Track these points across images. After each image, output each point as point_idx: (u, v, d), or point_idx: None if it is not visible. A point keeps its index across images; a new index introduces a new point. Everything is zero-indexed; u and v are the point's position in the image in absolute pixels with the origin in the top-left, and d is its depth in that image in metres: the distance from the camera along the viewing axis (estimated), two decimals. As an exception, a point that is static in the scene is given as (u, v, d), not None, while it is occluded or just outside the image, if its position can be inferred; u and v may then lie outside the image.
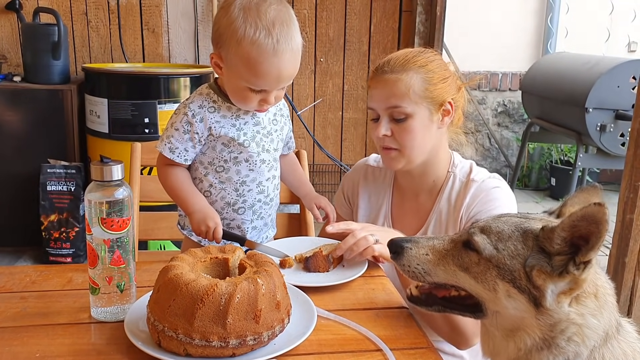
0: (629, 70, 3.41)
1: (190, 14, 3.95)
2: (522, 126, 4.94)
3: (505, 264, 0.91)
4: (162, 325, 0.96)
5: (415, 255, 1.02)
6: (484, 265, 0.94)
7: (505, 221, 0.96)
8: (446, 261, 0.99)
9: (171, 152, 1.41)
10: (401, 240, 1.06)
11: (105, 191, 1.07)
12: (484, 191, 1.47)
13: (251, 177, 1.47)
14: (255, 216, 1.52)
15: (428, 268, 1.01)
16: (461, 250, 0.98)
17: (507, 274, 0.91)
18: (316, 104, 4.24)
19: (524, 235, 0.92)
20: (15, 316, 1.12)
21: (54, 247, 3.32)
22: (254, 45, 1.28)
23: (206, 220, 1.37)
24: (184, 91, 3.33)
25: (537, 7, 4.95)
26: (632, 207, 2.13)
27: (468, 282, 0.96)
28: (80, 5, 3.82)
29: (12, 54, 3.80)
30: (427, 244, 1.03)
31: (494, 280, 0.92)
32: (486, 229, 0.96)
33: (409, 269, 1.02)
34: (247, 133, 1.44)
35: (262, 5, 1.30)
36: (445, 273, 0.99)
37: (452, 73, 1.50)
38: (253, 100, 1.38)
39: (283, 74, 1.33)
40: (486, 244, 0.93)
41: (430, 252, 1.02)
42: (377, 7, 4.14)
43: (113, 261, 1.09)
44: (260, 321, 0.97)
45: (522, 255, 0.90)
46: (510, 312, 0.92)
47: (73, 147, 3.44)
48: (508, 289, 0.91)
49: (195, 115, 1.40)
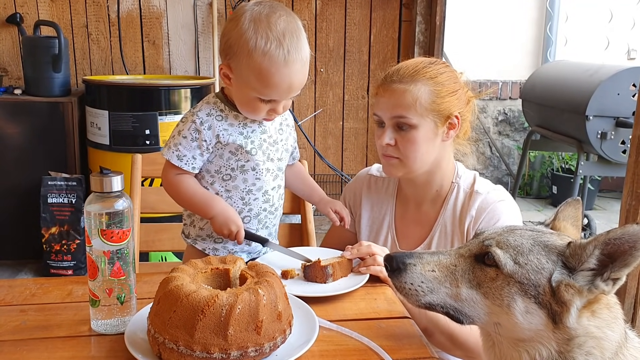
0: (629, 78, 3.41)
1: (191, 26, 3.97)
2: (522, 134, 4.94)
3: (529, 279, 0.88)
4: (162, 337, 0.96)
5: (420, 272, 0.95)
6: (502, 280, 0.89)
7: (521, 234, 0.93)
8: (454, 278, 0.94)
9: (179, 160, 1.40)
10: (402, 255, 0.98)
11: (105, 203, 1.07)
12: (490, 205, 1.47)
13: (257, 186, 1.47)
14: (261, 225, 1.52)
15: (433, 286, 0.94)
16: (473, 266, 0.93)
17: (530, 289, 0.87)
18: (317, 114, 4.25)
19: (546, 249, 0.89)
20: (15, 330, 1.11)
21: (55, 259, 3.31)
22: (265, 56, 1.30)
23: (228, 224, 1.38)
24: (184, 102, 3.34)
25: (536, 16, 4.97)
26: (635, 214, 2.12)
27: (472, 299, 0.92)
28: (81, 18, 3.84)
29: (12, 66, 3.82)
30: (432, 259, 0.97)
31: (512, 297, 0.88)
32: (503, 242, 0.91)
33: (411, 287, 0.95)
34: (254, 141, 1.45)
35: (272, 16, 1.31)
36: (448, 290, 0.94)
37: (462, 86, 1.49)
38: (262, 110, 1.39)
39: (294, 84, 1.35)
40: (507, 259, 0.89)
41: (437, 268, 0.95)
42: (376, 17, 4.16)
43: (113, 273, 1.08)
44: (262, 332, 0.96)
45: (547, 270, 0.88)
46: (524, 327, 0.88)
47: (74, 159, 3.45)
48: (527, 305, 0.88)
49: (203, 123, 1.40)
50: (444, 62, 1.52)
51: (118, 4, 3.85)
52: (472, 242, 0.99)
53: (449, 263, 0.95)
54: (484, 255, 0.92)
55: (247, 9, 1.34)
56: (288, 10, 1.36)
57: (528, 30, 4.97)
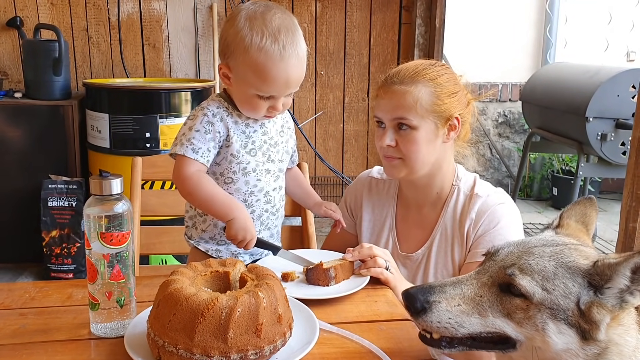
0: (629, 79, 3.41)
1: (191, 29, 3.97)
2: (523, 136, 4.94)
3: (558, 304, 0.86)
4: (162, 341, 0.95)
5: (446, 309, 0.90)
6: (533, 310, 0.87)
7: (541, 254, 0.90)
8: (482, 309, 0.89)
9: (195, 153, 1.38)
10: (422, 292, 0.91)
11: (105, 205, 1.06)
12: (490, 207, 1.46)
13: (259, 187, 1.48)
14: (263, 227, 1.53)
15: (462, 320, 0.89)
16: (499, 296, 0.90)
17: (560, 313, 0.86)
18: (317, 116, 4.25)
19: (570, 271, 0.88)
20: (14, 333, 1.11)
21: (56, 263, 3.31)
22: (261, 52, 1.31)
23: (245, 231, 1.36)
24: (185, 105, 3.33)
25: (535, 18, 4.97)
26: (635, 215, 2.11)
27: (509, 327, 0.89)
28: (81, 22, 3.85)
29: (13, 70, 3.82)
30: (455, 292, 0.91)
31: (544, 322, 0.86)
32: (526, 268, 0.88)
33: (439, 325, 0.89)
34: (255, 141, 1.46)
35: (267, 14, 1.34)
36: (482, 321, 0.89)
37: (462, 87, 1.50)
38: (262, 108, 1.40)
39: (291, 79, 1.36)
40: (535, 288, 0.87)
41: (462, 301, 0.90)
42: (376, 20, 4.16)
43: (113, 276, 1.08)
44: (262, 335, 0.96)
45: (574, 294, 0.86)
46: (559, 347, 0.87)
47: (74, 163, 3.45)
48: (559, 326, 0.86)
49: (215, 115, 1.41)
50: (444, 64, 1.52)
51: (118, 7, 3.85)
52: (490, 265, 0.94)
53: (473, 294, 0.91)
54: (508, 284, 0.89)
55: (243, 9, 1.36)
56: (283, 9, 1.38)
57: (528, 32, 4.97)
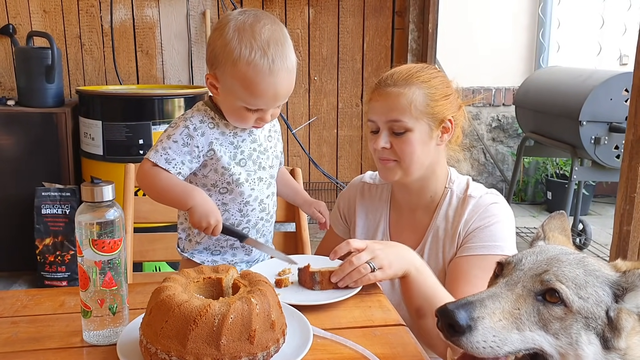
0: (622, 83, 3.43)
1: (184, 35, 3.97)
2: (516, 141, 4.96)
3: (593, 312, 0.85)
4: (154, 348, 0.95)
5: (491, 326, 0.83)
6: (570, 319, 0.84)
7: (569, 262, 0.88)
8: (520, 322, 0.84)
9: (167, 163, 1.37)
10: (464, 308, 0.84)
11: (96, 212, 1.06)
12: (482, 206, 1.46)
13: (253, 197, 1.47)
14: (259, 234, 1.53)
15: (504, 337, 0.83)
16: (535, 305, 0.86)
17: (592, 322, 0.85)
18: (311, 122, 4.25)
19: (598, 279, 0.87)
20: (6, 342, 1.10)
21: (49, 270, 3.29)
22: (249, 66, 1.29)
23: (208, 217, 1.34)
24: (178, 112, 3.33)
25: (528, 22, 4.99)
26: (629, 218, 2.12)
27: (546, 341, 0.85)
28: (74, 29, 3.84)
29: (6, 78, 3.82)
30: (495, 306, 0.85)
31: (578, 333, 0.84)
32: (561, 275, 0.86)
33: (485, 345, 0.82)
34: (244, 151, 1.44)
35: (256, 25, 1.30)
36: (521, 337, 0.84)
37: (454, 91, 1.50)
38: (250, 119, 1.38)
39: (279, 93, 1.34)
40: (572, 295, 0.84)
41: (503, 316, 0.84)
42: (369, 25, 4.18)
43: (105, 283, 1.07)
44: (255, 341, 0.95)
45: (604, 302, 0.86)
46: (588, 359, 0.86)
47: (68, 170, 3.44)
48: (589, 337, 0.85)
49: (196, 129, 1.39)
50: (436, 68, 1.53)
51: (111, 15, 3.85)
52: (519, 276, 0.90)
53: (511, 307, 0.86)
54: (544, 292, 0.86)
55: (232, 18, 1.33)
56: (273, 19, 1.35)
57: (520, 37, 4.99)
